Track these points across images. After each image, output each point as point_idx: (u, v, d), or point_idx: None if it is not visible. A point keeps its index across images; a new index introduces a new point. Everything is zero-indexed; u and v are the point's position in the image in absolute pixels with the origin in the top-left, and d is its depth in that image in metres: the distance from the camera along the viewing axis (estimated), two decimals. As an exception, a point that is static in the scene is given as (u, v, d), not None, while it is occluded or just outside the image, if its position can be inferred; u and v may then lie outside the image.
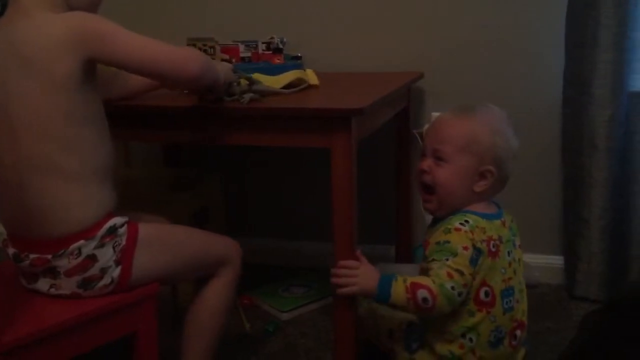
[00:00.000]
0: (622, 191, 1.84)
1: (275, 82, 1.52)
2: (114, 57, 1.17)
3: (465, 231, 1.32)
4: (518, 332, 1.40)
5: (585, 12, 1.77)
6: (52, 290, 1.19)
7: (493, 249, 1.35)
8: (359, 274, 1.36)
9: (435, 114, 2.01)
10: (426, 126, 2.00)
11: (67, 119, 1.15)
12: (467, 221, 1.34)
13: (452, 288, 1.29)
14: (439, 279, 1.30)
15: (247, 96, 1.39)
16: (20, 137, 1.14)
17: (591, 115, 1.79)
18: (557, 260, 2.01)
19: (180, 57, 1.20)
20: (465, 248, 1.31)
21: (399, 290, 1.32)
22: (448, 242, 1.32)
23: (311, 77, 1.64)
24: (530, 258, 2.01)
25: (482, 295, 1.34)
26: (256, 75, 1.48)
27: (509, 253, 1.39)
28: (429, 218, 2.00)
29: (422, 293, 1.30)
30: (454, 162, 1.39)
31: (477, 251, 1.32)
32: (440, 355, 1.36)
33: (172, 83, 1.36)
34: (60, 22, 1.15)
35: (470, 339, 1.35)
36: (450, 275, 1.30)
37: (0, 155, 1.17)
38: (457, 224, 1.34)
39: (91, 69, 1.18)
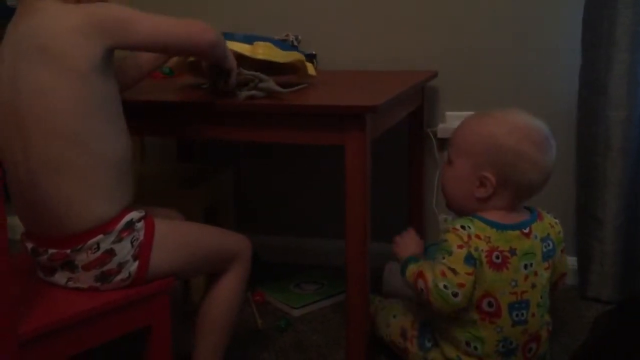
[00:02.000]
0: (637, 192, 1.83)
1: (281, 56, 1.50)
2: (135, 42, 1.19)
3: (460, 235, 1.31)
4: (533, 346, 1.37)
5: (602, 11, 1.76)
6: (70, 284, 1.20)
7: (497, 260, 1.32)
8: (398, 241, 1.51)
9: (449, 114, 2.01)
10: (440, 126, 2.00)
11: (82, 112, 1.14)
12: (468, 226, 1.32)
13: (445, 287, 1.29)
14: (434, 277, 1.31)
15: (246, 93, 1.39)
16: (31, 135, 1.14)
17: (607, 116, 1.78)
18: (568, 261, 1.99)
19: (196, 28, 1.25)
20: (460, 247, 1.31)
21: (410, 273, 1.38)
22: (446, 240, 1.34)
23: (309, 66, 1.62)
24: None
25: (484, 305, 1.33)
26: (263, 51, 1.47)
27: (526, 266, 1.34)
28: (441, 218, 2.01)
29: (420, 283, 1.34)
30: (455, 164, 1.39)
31: (471, 255, 1.31)
32: (448, 358, 1.36)
33: (191, 54, 1.42)
34: (78, 10, 1.14)
35: (475, 347, 1.34)
36: (443, 274, 1.30)
37: (11, 154, 1.17)
38: (457, 225, 1.33)
39: (110, 57, 1.18)
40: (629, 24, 1.73)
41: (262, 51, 1.47)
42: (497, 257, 1.32)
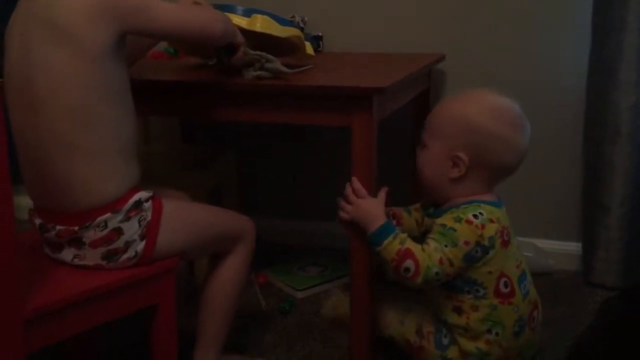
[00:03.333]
0: (644, 179, 1.82)
1: (280, 30, 1.48)
2: (148, 29, 1.20)
3: (476, 225, 1.29)
4: (535, 314, 1.40)
5: (613, -5, 1.74)
6: (76, 261, 1.20)
7: (506, 238, 1.34)
8: (361, 203, 1.35)
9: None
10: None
11: (92, 94, 1.13)
12: (481, 213, 1.31)
13: (436, 274, 1.29)
14: (429, 261, 1.29)
15: (253, 73, 1.38)
16: (42, 114, 1.14)
17: (616, 101, 1.77)
18: (572, 247, 2.00)
19: (206, 18, 1.27)
20: (466, 243, 1.29)
21: (392, 247, 1.31)
22: (454, 230, 1.30)
23: (307, 46, 1.60)
24: (545, 244, 2.00)
25: (502, 286, 1.33)
26: (261, 24, 1.45)
27: (514, 237, 1.38)
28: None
29: (408, 263, 1.29)
30: (429, 147, 1.38)
31: (482, 248, 1.30)
32: (466, 351, 1.36)
33: (202, 43, 1.44)
34: None
35: (497, 333, 1.34)
36: (441, 262, 1.29)
37: (22, 131, 1.17)
38: (469, 215, 1.30)
39: (123, 41, 1.17)
40: (640, 8, 1.71)
41: (261, 24, 1.44)
42: (506, 235, 1.33)
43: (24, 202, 1.24)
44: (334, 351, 1.58)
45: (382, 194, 1.39)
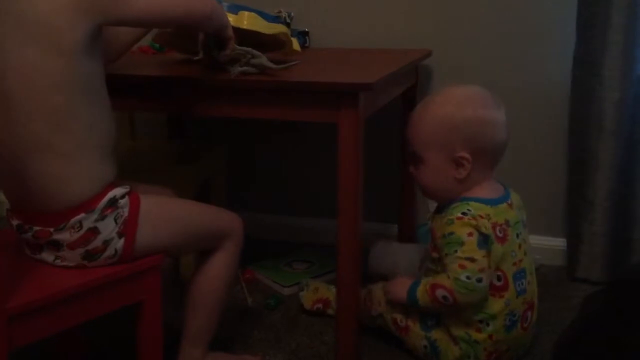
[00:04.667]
0: (628, 174, 1.83)
1: (266, 27, 1.47)
2: (127, 17, 1.15)
3: (468, 219, 1.33)
4: (529, 314, 1.41)
5: (598, -8, 1.75)
6: (58, 262, 1.19)
7: (500, 234, 1.35)
8: (389, 290, 1.47)
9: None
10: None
11: (66, 91, 1.11)
12: (469, 210, 1.35)
13: (468, 278, 1.30)
14: (453, 274, 1.32)
15: (239, 69, 1.37)
16: (14, 115, 1.11)
17: (600, 97, 1.78)
18: (557, 242, 2.01)
19: (192, 0, 1.21)
20: (470, 234, 1.32)
21: (423, 294, 1.38)
22: (452, 233, 1.34)
23: (293, 42, 1.59)
24: (531, 239, 2.00)
25: (494, 279, 1.34)
26: (248, 21, 1.44)
27: (517, 235, 1.39)
28: (432, 202, 2.01)
29: (440, 292, 1.34)
30: (426, 160, 1.41)
31: (483, 236, 1.32)
32: (455, 336, 1.37)
33: (189, 28, 1.38)
34: None
35: (487, 324, 1.36)
36: (462, 267, 1.31)
37: None
38: (458, 214, 1.34)
39: (98, 34, 1.14)
40: (625, 5, 1.72)
41: (247, 21, 1.43)
42: (500, 231, 1.35)
43: (4, 198, 1.23)
44: (320, 346, 1.58)
45: (398, 279, 1.48)
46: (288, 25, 2.02)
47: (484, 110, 1.37)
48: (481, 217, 1.34)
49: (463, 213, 1.34)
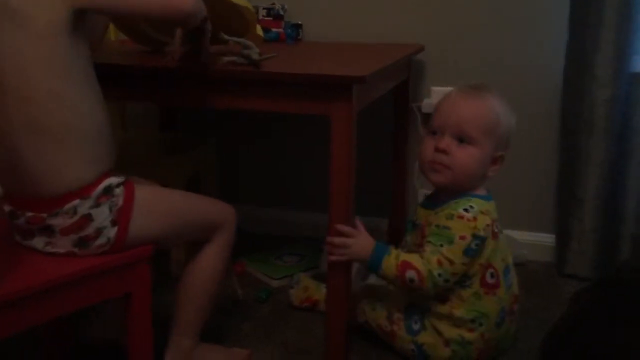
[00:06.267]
0: (618, 171, 1.85)
1: None
2: (106, 6, 1.16)
3: (468, 219, 1.32)
4: (515, 307, 1.42)
5: (591, -10, 1.75)
6: (48, 248, 1.18)
7: (496, 230, 1.36)
8: (352, 243, 1.37)
9: (435, 88, 2.00)
10: (425, 100, 1.99)
11: (55, 75, 1.12)
12: (471, 207, 1.34)
13: (439, 275, 1.31)
14: (429, 264, 1.31)
15: (224, 58, 1.35)
16: (7, 98, 1.12)
17: (592, 95, 1.79)
18: (546, 238, 2.02)
19: None
20: (463, 237, 1.31)
21: (389, 265, 1.35)
22: (448, 228, 1.33)
23: (257, 28, 1.55)
24: (519, 235, 2.02)
25: (488, 277, 1.35)
26: None
27: (502, 231, 1.40)
28: (421, 193, 2.01)
29: (410, 274, 1.33)
30: (480, 145, 1.36)
31: (479, 240, 1.32)
32: (448, 338, 1.37)
33: (166, 21, 1.35)
34: None
35: (480, 324, 1.36)
36: (440, 263, 1.31)
37: None
38: (460, 211, 1.33)
39: (80, 19, 1.14)
40: (617, 4, 1.73)
41: None
42: (496, 227, 1.37)
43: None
44: (310, 339, 1.58)
45: (360, 225, 1.40)
46: (282, 17, 2.01)
47: (512, 118, 1.43)
48: (482, 213, 1.34)
49: (465, 209, 1.33)
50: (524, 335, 1.55)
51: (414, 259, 1.33)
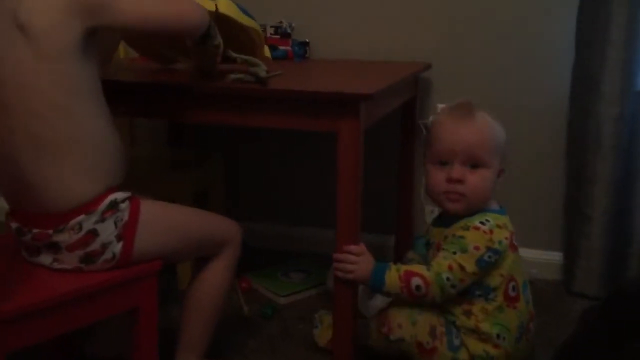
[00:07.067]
0: (626, 189, 1.84)
1: (243, 19, 1.45)
2: (117, 22, 1.16)
3: (484, 231, 1.32)
4: (531, 325, 1.41)
5: (597, 9, 1.76)
6: (55, 265, 1.19)
7: (515, 243, 1.37)
8: (358, 261, 1.37)
9: (441, 106, 2.00)
10: (429, 119, 2.00)
11: (61, 92, 1.12)
12: (487, 220, 1.34)
13: (448, 279, 1.30)
14: (438, 267, 1.31)
15: (232, 76, 1.37)
16: (13, 113, 1.12)
17: (598, 113, 1.79)
18: (554, 256, 2.01)
19: (182, 9, 1.20)
20: (477, 248, 1.31)
21: (392, 278, 1.34)
22: (462, 237, 1.33)
23: (265, 49, 1.58)
24: (528, 254, 2.01)
25: (510, 290, 1.34)
26: (225, 8, 1.41)
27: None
28: (429, 211, 2.01)
29: (415, 281, 1.32)
30: (490, 166, 1.37)
31: (493, 252, 1.31)
32: (474, 354, 1.35)
33: (179, 35, 1.36)
34: None
35: (504, 338, 1.34)
36: (450, 267, 1.30)
37: None
38: (476, 223, 1.34)
39: (92, 38, 1.15)
40: (624, 22, 1.73)
41: (225, 9, 1.40)
42: (514, 240, 1.37)
43: (2, 204, 1.22)
44: (316, 356, 1.57)
45: (361, 246, 1.39)
46: (289, 35, 2.03)
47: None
48: (499, 227, 1.33)
49: (481, 222, 1.34)
50: (532, 354, 1.53)
51: (416, 268, 1.33)
